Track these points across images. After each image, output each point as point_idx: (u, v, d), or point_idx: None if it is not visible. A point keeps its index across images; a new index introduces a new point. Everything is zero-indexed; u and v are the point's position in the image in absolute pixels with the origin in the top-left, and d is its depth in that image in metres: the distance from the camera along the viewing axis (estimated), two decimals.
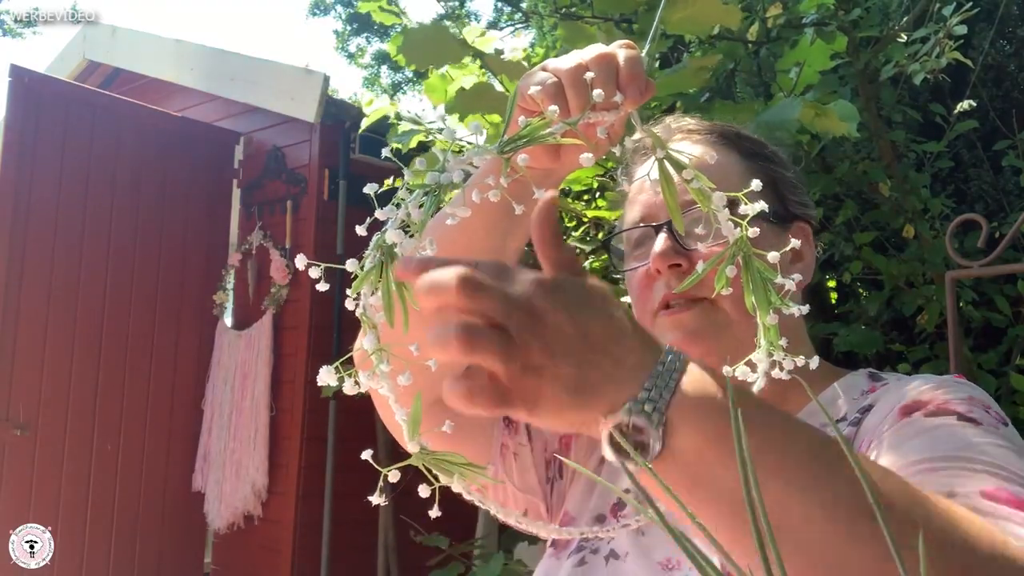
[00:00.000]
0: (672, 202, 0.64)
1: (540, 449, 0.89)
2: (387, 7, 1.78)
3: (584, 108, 0.61)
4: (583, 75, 0.61)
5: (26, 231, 3.29)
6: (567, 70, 0.62)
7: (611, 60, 0.63)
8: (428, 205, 0.51)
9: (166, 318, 3.69)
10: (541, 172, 0.72)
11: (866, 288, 2.85)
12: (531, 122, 0.59)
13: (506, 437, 0.88)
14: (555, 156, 0.69)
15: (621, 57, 0.63)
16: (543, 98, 0.62)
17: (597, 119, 0.62)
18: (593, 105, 0.61)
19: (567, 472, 0.90)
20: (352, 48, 15.81)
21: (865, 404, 0.76)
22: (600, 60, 0.63)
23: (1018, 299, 2.59)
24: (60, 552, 3.05)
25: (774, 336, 0.60)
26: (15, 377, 3.20)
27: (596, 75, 0.61)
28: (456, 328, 0.46)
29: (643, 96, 0.63)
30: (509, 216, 0.72)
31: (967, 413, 0.65)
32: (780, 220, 0.83)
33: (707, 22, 1.54)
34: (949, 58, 2.05)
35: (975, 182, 3.08)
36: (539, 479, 0.89)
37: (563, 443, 0.90)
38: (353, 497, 3.68)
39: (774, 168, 0.85)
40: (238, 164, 4.00)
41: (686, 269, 0.79)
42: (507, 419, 0.88)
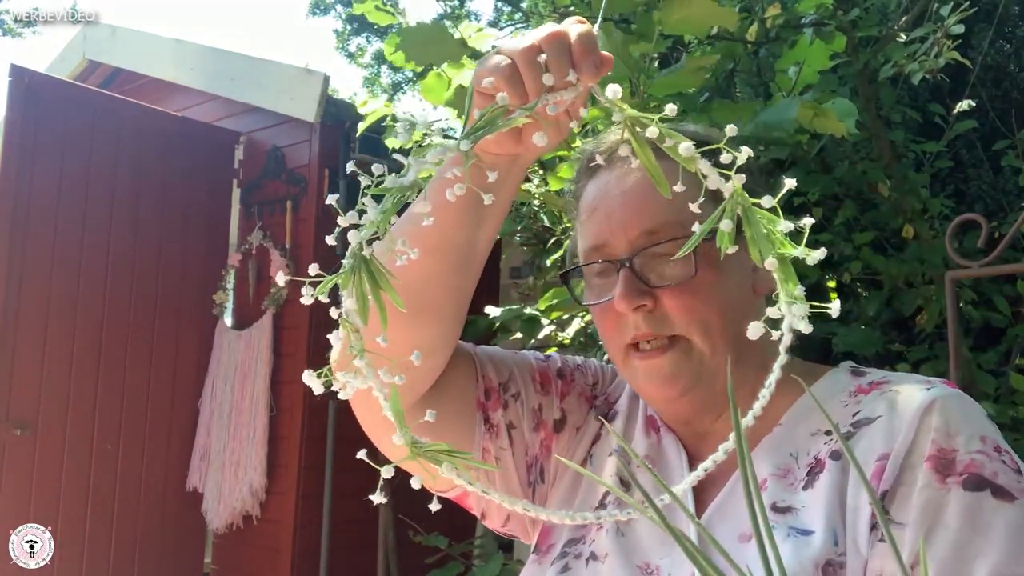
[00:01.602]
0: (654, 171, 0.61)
1: (521, 453, 0.88)
2: (382, 7, 1.79)
3: (541, 90, 0.61)
4: (536, 56, 0.61)
5: (26, 231, 3.29)
6: (520, 51, 0.61)
7: (563, 38, 0.62)
8: (389, 208, 0.52)
9: (166, 318, 3.69)
10: (507, 158, 0.71)
11: (866, 288, 2.85)
12: (487, 111, 0.59)
13: (487, 441, 0.87)
14: (518, 141, 0.69)
15: (573, 34, 0.62)
16: (498, 82, 0.61)
17: (555, 99, 0.61)
18: (550, 86, 0.61)
19: (548, 476, 0.90)
20: (352, 48, 15.82)
21: (856, 414, 0.75)
22: (552, 39, 0.62)
23: (1018, 299, 2.59)
24: (60, 552, 3.05)
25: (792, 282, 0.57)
26: (15, 377, 3.20)
27: (549, 54, 0.61)
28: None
29: (599, 71, 0.62)
30: (478, 207, 0.73)
31: (993, 479, 0.66)
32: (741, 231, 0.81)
33: (704, 23, 1.55)
34: (948, 58, 2.05)
35: (974, 182, 3.08)
36: (521, 483, 0.89)
37: (544, 446, 0.90)
38: (353, 497, 3.68)
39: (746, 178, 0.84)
40: (238, 164, 4.01)
41: (652, 308, 0.76)
42: (488, 422, 0.87)
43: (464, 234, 0.76)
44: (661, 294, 0.76)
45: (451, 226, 0.75)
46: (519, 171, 0.75)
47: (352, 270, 0.52)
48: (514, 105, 0.60)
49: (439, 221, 0.72)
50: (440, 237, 0.75)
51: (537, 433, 0.88)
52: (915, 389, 0.72)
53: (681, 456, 0.82)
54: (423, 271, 0.76)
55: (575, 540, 0.83)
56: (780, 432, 0.77)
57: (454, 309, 0.81)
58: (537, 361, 0.92)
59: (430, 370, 0.83)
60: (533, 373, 0.90)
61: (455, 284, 0.80)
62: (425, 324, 0.79)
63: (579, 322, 2.08)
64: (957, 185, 3.11)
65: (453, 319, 0.82)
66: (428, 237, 0.74)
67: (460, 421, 0.87)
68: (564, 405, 0.90)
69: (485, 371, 0.88)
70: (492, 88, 0.61)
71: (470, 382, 0.87)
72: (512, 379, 0.89)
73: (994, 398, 2.36)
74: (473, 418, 0.87)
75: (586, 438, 0.90)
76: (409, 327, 0.78)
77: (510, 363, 0.90)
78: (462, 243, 0.77)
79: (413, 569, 3.22)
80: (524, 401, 0.88)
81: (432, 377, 0.84)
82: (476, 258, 0.79)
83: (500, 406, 0.88)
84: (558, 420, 0.90)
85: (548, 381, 0.91)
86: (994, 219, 2.76)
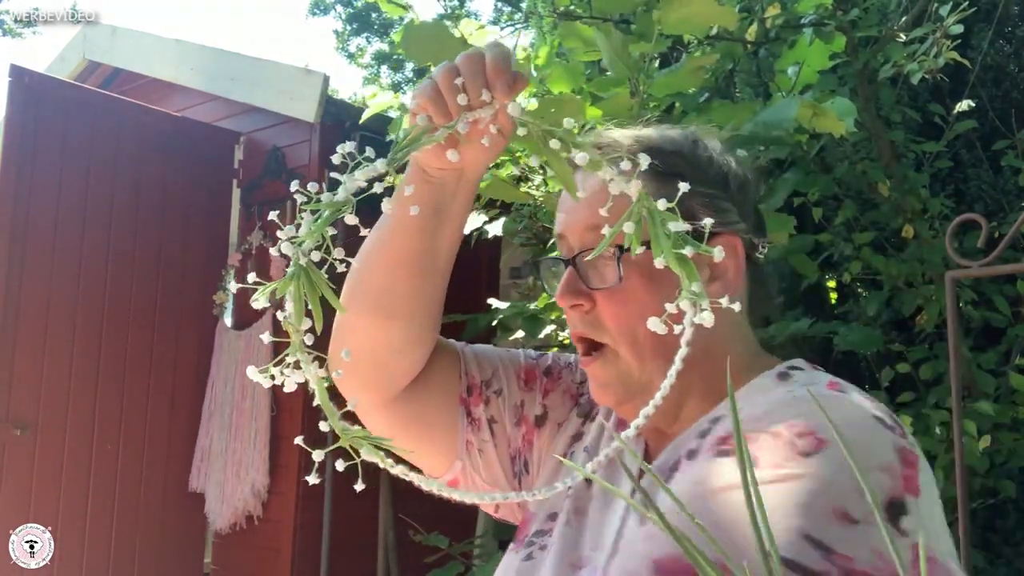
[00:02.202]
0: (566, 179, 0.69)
1: (504, 445, 0.92)
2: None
3: (458, 109, 0.67)
4: (455, 78, 0.67)
5: (26, 231, 3.29)
6: (440, 74, 0.68)
7: (478, 60, 0.68)
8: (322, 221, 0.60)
9: (166, 318, 3.69)
10: (452, 172, 0.77)
11: (865, 288, 2.86)
12: (410, 130, 0.67)
13: (470, 434, 0.91)
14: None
15: (488, 56, 0.68)
16: (422, 103, 0.68)
17: (475, 116, 0.67)
18: (469, 105, 0.67)
19: (533, 467, 0.93)
20: (352, 48, 15.82)
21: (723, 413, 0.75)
22: (467, 61, 0.68)
23: (1017, 299, 2.59)
24: (60, 552, 3.05)
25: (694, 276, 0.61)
26: (15, 377, 3.20)
27: (464, 76, 0.67)
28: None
29: (512, 90, 0.67)
30: (435, 216, 0.80)
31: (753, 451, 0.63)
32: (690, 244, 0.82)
33: (704, 22, 1.55)
34: (947, 58, 2.05)
35: (974, 182, 3.08)
36: (505, 474, 0.92)
37: (525, 440, 0.93)
38: (353, 497, 3.68)
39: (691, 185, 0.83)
40: (238, 164, 4.01)
41: (588, 310, 0.79)
42: (470, 416, 0.91)
43: (423, 242, 0.82)
44: (597, 297, 0.78)
45: (410, 235, 0.81)
46: (468, 184, 0.80)
47: (291, 277, 0.60)
48: (438, 124, 0.68)
49: (399, 230, 0.81)
50: (400, 245, 0.82)
51: (519, 428, 0.92)
52: (783, 390, 0.73)
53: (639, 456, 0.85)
54: (386, 278, 0.84)
55: (543, 532, 0.85)
56: (686, 432, 0.78)
57: (422, 312, 0.87)
58: (526, 359, 0.96)
59: (406, 368, 0.89)
60: (519, 371, 0.94)
61: (420, 289, 0.85)
62: (393, 326, 0.86)
63: None
64: (957, 185, 3.11)
65: (423, 322, 0.87)
66: (390, 245, 0.83)
67: (443, 414, 0.91)
68: (547, 402, 0.93)
69: (469, 368, 0.93)
70: (418, 109, 0.69)
71: (453, 378, 0.92)
72: (495, 376, 0.93)
73: (994, 398, 2.37)
74: (456, 412, 0.91)
75: (566, 434, 0.93)
76: (378, 328, 0.86)
77: (496, 361, 0.95)
78: (422, 251, 0.82)
79: (413, 569, 3.22)
80: (506, 397, 0.92)
81: (409, 375, 0.89)
82: (439, 264, 0.85)
83: (482, 402, 0.92)
84: (539, 416, 0.93)
85: (533, 378, 0.94)
86: (994, 219, 2.76)
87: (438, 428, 0.91)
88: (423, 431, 0.91)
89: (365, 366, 0.88)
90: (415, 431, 0.91)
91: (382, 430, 0.88)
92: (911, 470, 0.64)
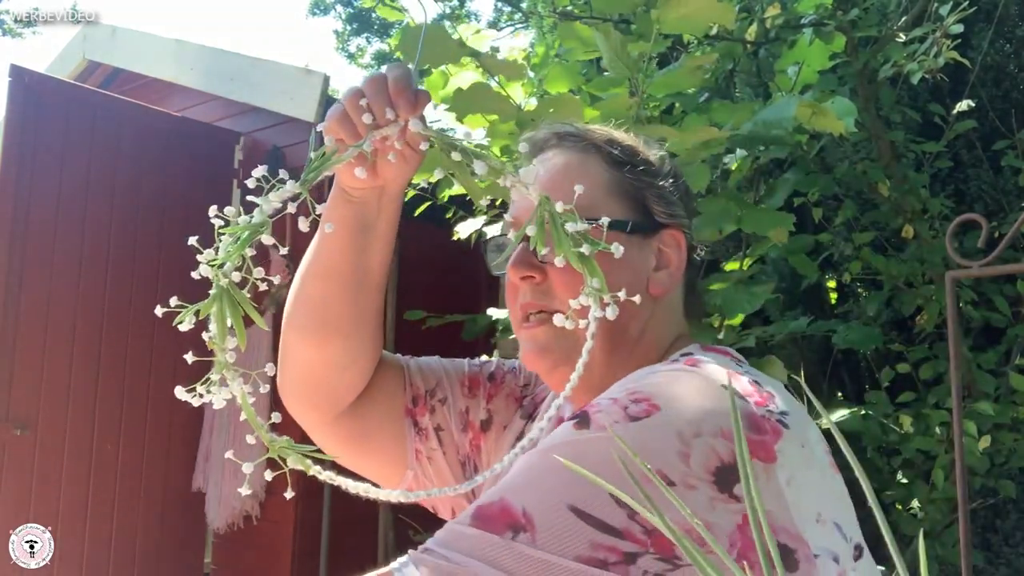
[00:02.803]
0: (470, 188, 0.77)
1: (452, 451, 0.95)
2: (390, 3, 1.79)
3: (365, 128, 0.71)
4: (360, 100, 0.71)
5: (26, 231, 3.28)
6: (346, 97, 0.72)
7: (380, 81, 0.71)
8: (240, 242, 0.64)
9: (166, 317, 3.67)
10: (372, 190, 0.81)
11: (866, 288, 2.86)
12: (322, 151, 0.71)
13: (418, 443, 0.94)
14: (373, 173, 0.77)
15: (390, 77, 0.71)
16: (331, 125, 0.72)
17: (382, 134, 0.71)
18: (376, 124, 0.71)
19: (483, 471, 0.93)
20: (352, 48, 15.82)
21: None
22: (370, 83, 0.72)
23: (1018, 299, 2.59)
24: (60, 552, 3.05)
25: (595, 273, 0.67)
26: (15, 377, 3.20)
27: (368, 96, 0.71)
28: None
29: (414, 107, 0.71)
30: (362, 233, 0.84)
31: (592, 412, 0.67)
32: (643, 230, 0.83)
33: (702, 21, 1.55)
34: (947, 58, 2.05)
35: (974, 182, 3.08)
36: (456, 480, 0.95)
37: (473, 445, 0.96)
38: (352, 497, 3.68)
39: (642, 178, 0.85)
40: (238, 164, 4.00)
41: (540, 281, 0.81)
42: (417, 426, 0.94)
43: (352, 259, 0.85)
44: (550, 270, 0.80)
45: (338, 252, 0.85)
46: (390, 200, 0.83)
47: (214, 299, 0.64)
48: (348, 143, 0.71)
49: (327, 248, 0.86)
50: (329, 262, 0.86)
51: (465, 433, 0.95)
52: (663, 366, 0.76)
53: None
54: (318, 294, 0.88)
55: None
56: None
57: (359, 328, 0.89)
58: (470, 367, 0.99)
59: (349, 383, 0.92)
60: (462, 379, 0.98)
61: (354, 304, 0.88)
62: (330, 342, 0.89)
63: None
64: (957, 185, 3.11)
65: (360, 336, 0.90)
66: (319, 262, 0.87)
67: (391, 426, 0.94)
68: (491, 406, 0.96)
69: (413, 380, 0.96)
70: (329, 131, 0.73)
71: (398, 390, 0.95)
72: (440, 385, 0.96)
73: (994, 398, 2.37)
74: (403, 423, 0.94)
75: (511, 436, 0.95)
76: (314, 345, 0.89)
77: (439, 371, 0.98)
78: (352, 267, 0.86)
79: None
80: (451, 405, 0.96)
81: (353, 391, 0.92)
82: (370, 281, 0.87)
83: (427, 411, 0.95)
84: (484, 420, 0.96)
85: (477, 384, 0.98)
86: (994, 219, 2.76)
87: (386, 440, 0.93)
88: (372, 444, 0.94)
89: (307, 386, 0.91)
90: (363, 445, 0.94)
91: (331, 446, 0.92)
92: (762, 436, 0.65)
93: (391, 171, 0.77)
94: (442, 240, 2.68)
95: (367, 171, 0.75)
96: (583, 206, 0.78)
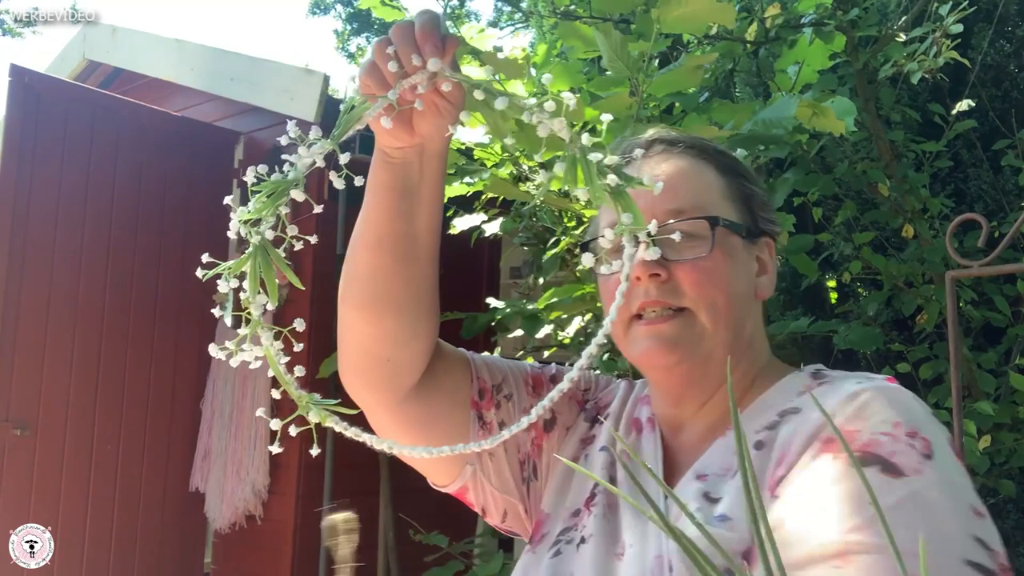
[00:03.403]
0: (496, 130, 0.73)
1: (514, 450, 0.94)
2: (388, 2, 1.78)
3: (393, 77, 0.68)
4: (387, 48, 0.69)
5: (26, 231, 3.29)
6: (374, 47, 0.70)
7: (407, 27, 0.69)
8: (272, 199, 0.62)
9: (166, 317, 3.68)
10: (412, 149, 0.78)
11: (866, 288, 2.86)
12: (348, 105, 0.68)
13: (481, 437, 0.91)
14: (410, 130, 0.75)
15: (417, 23, 0.69)
16: (361, 78, 0.71)
17: (411, 82, 0.69)
18: (404, 73, 0.68)
19: (541, 472, 0.94)
20: (352, 48, 15.81)
21: (790, 407, 0.77)
22: (398, 30, 0.69)
23: (1018, 299, 2.59)
24: (60, 552, 3.05)
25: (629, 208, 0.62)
26: (15, 377, 3.20)
27: (395, 44, 0.69)
28: None
29: (441, 52, 0.68)
30: (405, 198, 0.81)
31: (889, 458, 0.65)
32: (751, 235, 0.86)
33: (703, 19, 1.55)
34: (947, 58, 2.05)
35: (974, 182, 3.08)
36: (515, 479, 0.93)
37: (535, 445, 0.95)
38: (353, 497, 3.68)
39: (747, 185, 0.89)
40: (238, 164, 4.00)
41: (665, 279, 0.81)
42: (482, 420, 0.92)
43: (399, 226, 0.82)
44: (674, 268, 0.81)
45: (384, 220, 0.82)
46: (432, 159, 0.81)
47: (248, 256, 0.61)
48: (378, 94, 0.69)
49: (373, 218, 0.83)
50: (376, 232, 0.83)
51: (528, 432, 0.94)
52: (851, 383, 0.74)
53: (657, 450, 0.87)
54: (368, 265, 0.85)
55: (568, 528, 0.87)
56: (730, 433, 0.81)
57: (412, 301, 0.86)
58: (532, 368, 0.99)
59: (409, 361, 0.89)
60: (526, 378, 0.97)
61: (405, 275, 0.85)
62: (385, 316, 0.86)
63: (579, 321, 2.09)
64: (957, 185, 3.11)
65: (415, 309, 0.87)
66: (366, 233, 0.84)
67: (455, 417, 0.92)
68: (554, 407, 0.93)
69: (480, 373, 0.94)
70: (360, 84, 0.71)
71: (464, 381, 0.93)
72: (505, 381, 0.95)
73: (994, 398, 2.37)
74: (467, 415, 0.92)
75: (575, 437, 0.95)
76: (370, 320, 0.86)
77: (504, 368, 0.97)
78: (400, 235, 0.83)
79: (413, 568, 3.22)
80: (516, 402, 0.94)
81: (412, 371, 0.89)
82: (421, 249, 0.85)
83: (493, 405, 0.93)
84: (548, 420, 0.95)
85: (540, 385, 0.97)
86: (994, 219, 2.76)
87: (449, 431, 0.91)
88: (434, 432, 0.91)
89: (365, 363, 0.88)
90: (426, 432, 0.91)
91: (392, 432, 0.89)
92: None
93: (427, 126, 0.75)
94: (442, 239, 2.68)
95: (403, 128, 0.74)
96: (702, 206, 0.83)
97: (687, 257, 0.81)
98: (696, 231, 0.82)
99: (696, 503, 0.75)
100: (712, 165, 0.87)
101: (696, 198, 0.83)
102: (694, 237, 0.81)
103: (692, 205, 0.83)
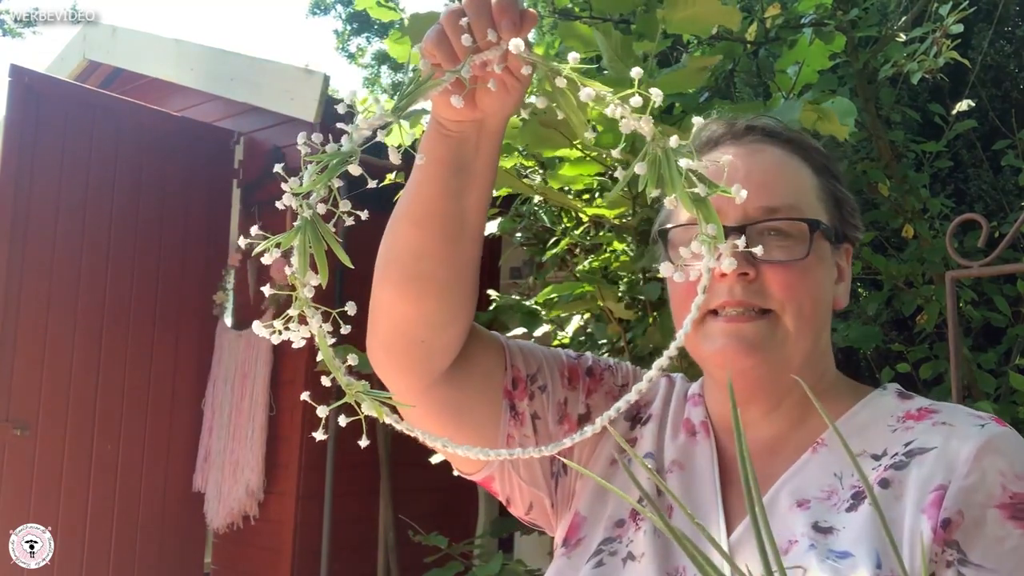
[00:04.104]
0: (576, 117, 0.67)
1: (545, 442, 0.87)
2: (384, 3, 1.78)
3: (464, 51, 0.64)
4: (459, 19, 0.63)
5: (26, 231, 3.29)
6: (446, 16, 0.65)
7: (483, 1, 0.64)
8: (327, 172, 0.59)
9: (166, 318, 3.69)
10: (471, 124, 0.74)
11: (866, 288, 2.86)
12: (416, 77, 0.63)
13: (512, 428, 0.87)
14: (472, 103, 0.71)
15: None
16: (428, 47, 0.65)
17: (482, 58, 0.64)
18: (476, 48, 0.63)
19: (572, 469, 0.90)
20: (352, 48, 15.81)
21: (910, 443, 0.75)
22: (472, 2, 0.64)
23: (1018, 299, 2.59)
24: (60, 552, 3.05)
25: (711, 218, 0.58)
26: (15, 377, 3.20)
27: (470, 16, 0.63)
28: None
29: (518, 28, 0.64)
30: (458, 174, 0.77)
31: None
32: (838, 240, 0.84)
33: (707, 22, 1.55)
34: (947, 58, 2.05)
35: (975, 182, 3.08)
36: (544, 473, 0.90)
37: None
38: (353, 497, 3.68)
39: (839, 188, 0.86)
40: (238, 164, 4.00)
41: (752, 279, 0.78)
42: (514, 410, 0.88)
43: (448, 204, 0.78)
44: (764, 268, 0.78)
45: (434, 196, 0.78)
46: (490, 136, 0.76)
47: (298, 230, 0.59)
48: (445, 68, 0.64)
49: (422, 193, 0.78)
50: (424, 208, 0.78)
51: (561, 425, 0.89)
52: (968, 423, 0.74)
53: (713, 459, 0.83)
54: (413, 243, 0.80)
55: (611, 539, 0.83)
56: (825, 451, 0.78)
57: (455, 282, 0.82)
58: (568, 358, 0.93)
59: (445, 345, 0.84)
60: (562, 368, 0.91)
61: (450, 255, 0.80)
62: (427, 297, 0.81)
63: (578, 320, 2.08)
64: (957, 185, 3.11)
65: (458, 292, 0.83)
66: (414, 209, 0.79)
67: (486, 405, 0.88)
68: (590, 401, 0.90)
69: (514, 361, 0.89)
70: (425, 53, 0.65)
71: (498, 369, 0.88)
72: (540, 371, 0.90)
73: (994, 398, 2.36)
74: (499, 404, 0.88)
75: (612, 437, 0.90)
76: (410, 300, 0.81)
77: (539, 356, 0.92)
78: (449, 213, 0.78)
79: (413, 569, 3.22)
80: (550, 393, 0.89)
81: (447, 355, 0.85)
82: (468, 228, 0.80)
83: (526, 396, 0.88)
84: (583, 415, 0.90)
85: (576, 377, 0.92)
86: (994, 219, 2.76)
87: (480, 419, 0.87)
88: (463, 419, 0.87)
89: (400, 345, 0.84)
90: (455, 419, 0.87)
91: (420, 417, 0.84)
92: None
93: (491, 102, 0.71)
94: None
95: (465, 100, 0.68)
96: (798, 207, 0.80)
97: (780, 259, 0.77)
98: (790, 231, 0.78)
99: (807, 537, 0.71)
100: (808, 163, 0.84)
101: (792, 197, 0.80)
102: (787, 237, 0.78)
103: (787, 205, 0.79)
